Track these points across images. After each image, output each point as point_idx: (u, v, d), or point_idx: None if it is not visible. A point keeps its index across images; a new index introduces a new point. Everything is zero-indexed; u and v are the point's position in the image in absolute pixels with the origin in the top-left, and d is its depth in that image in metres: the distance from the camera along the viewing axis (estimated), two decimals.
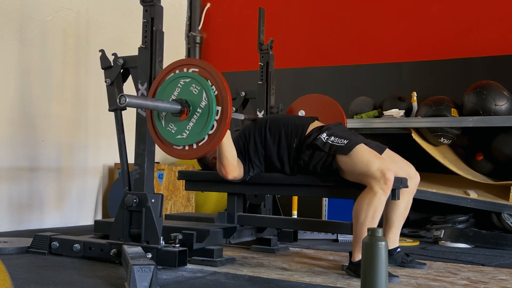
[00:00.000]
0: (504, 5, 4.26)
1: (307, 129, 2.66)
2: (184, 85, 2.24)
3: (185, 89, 2.24)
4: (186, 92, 2.24)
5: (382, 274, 1.79)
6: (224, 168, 2.57)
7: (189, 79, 2.24)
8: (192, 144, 2.23)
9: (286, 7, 5.03)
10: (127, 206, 2.46)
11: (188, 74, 2.25)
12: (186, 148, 2.25)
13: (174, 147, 2.28)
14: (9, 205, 3.70)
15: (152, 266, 1.99)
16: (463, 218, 3.84)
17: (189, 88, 2.23)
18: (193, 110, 2.22)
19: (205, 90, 2.19)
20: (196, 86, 2.22)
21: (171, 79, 2.28)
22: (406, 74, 4.55)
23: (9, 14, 3.72)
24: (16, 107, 3.76)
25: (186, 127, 2.23)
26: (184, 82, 2.24)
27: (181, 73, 2.27)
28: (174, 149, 2.28)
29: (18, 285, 2.02)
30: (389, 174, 2.34)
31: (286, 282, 2.25)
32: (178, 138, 2.25)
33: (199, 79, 2.21)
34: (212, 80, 2.21)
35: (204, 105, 2.19)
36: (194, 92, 2.22)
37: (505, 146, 3.81)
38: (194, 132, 2.21)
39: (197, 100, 2.21)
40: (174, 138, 2.25)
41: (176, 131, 2.25)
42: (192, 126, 2.22)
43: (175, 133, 2.25)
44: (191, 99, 2.22)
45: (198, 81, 2.21)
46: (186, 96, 2.23)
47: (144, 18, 2.53)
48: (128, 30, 4.50)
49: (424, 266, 2.63)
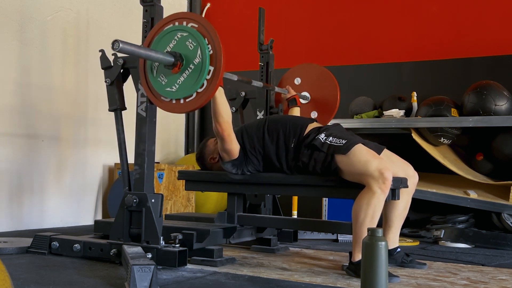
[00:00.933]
0: (504, 5, 4.26)
1: (305, 129, 2.67)
2: (180, 39, 2.24)
3: (181, 42, 2.24)
4: (181, 46, 2.23)
5: (382, 274, 1.79)
6: (219, 125, 2.56)
7: (186, 33, 2.24)
8: (180, 99, 2.24)
9: (286, 7, 5.03)
10: (127, 206, 2.46)
11: (186, 28, 2.25)
12: (173, 102, 2.26)
13: (162, 98, 2.29)
14: (9, 205, 3.70)
15: (152, 266, 1.99)
16: (463, 218, 3.84)
17: (185, 42, 2.23)
18: (186, 65, 2.21)
19: (200, 47, 2.19)
20: (192, 41, 2.21)
21: (169, 30, 2.28)
22: (406, 74, 4.55)
23: (9, 14, 3.72)
24: (16, 107, 3.76)
25: (176, 80, 2.23)
26: (181, 36, 2.24)
27: (180, 26, 2.26)
28: (162, 101, 2.29)
29: (18, 285, 2.02)
30: (387, 174, 2.34)
31: (286, 282, 2.25)
32: (167, 91, 2.25)
33: (196, 35, 2.21)
34: (209, 38, 2.21)
35: (197, 62, 2.19)
36: (190, 47, 2.21)
37: (505, 146, 3.81)
38: (183, 87, 2.21)
39: (191, 56, 2.21)
40: (163, 90, 2.26)
41: (167, 83, 2.25)
42: (182, 80, 2.22)
43: (165, 85, 2.26)
44: (186, 53, 2.22)
45: (195, 37, 2.20)
46: (181, 50, 2.23)
47: (144, 18, 2.53)
48: (128, 30, 4.50)
49: (424, 266, 2.63)
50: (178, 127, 5.35)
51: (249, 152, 2.72)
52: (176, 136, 5.32)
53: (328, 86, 3.32)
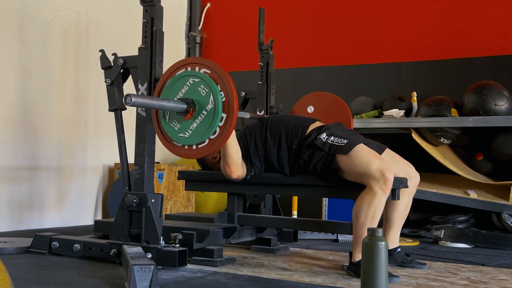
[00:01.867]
0: (504, 5, 4.26)
1: (307, 129, 2.66)
2: (192, 84, 2.24)
3: (193, 88, 2.24)
4: (193, 91, 2.23)
5: (382, 274, 1.79)
6: (228, 167, 2.57)
7: (198, 79, 2.24)
8: (192, 145, 2.24)
9: (286, 7, 5.03)
10: (127, 206, 2.46)
11: (198, 74, 2.25)
12: (186, 147, 2.26)
13: (174, 143, 2.29)
14: (9, 205, 3.70)
15: (152, 266, 1.99)
16: (463, 218, 3.84)
17: (197, 88, 2.23)
18: (199, 111, 2.21)
19: (213, 93, 2.18)
20: (204, 87, 2.21)
21: (181, 75, 2.28)
22: (406, 74, 4.55)
23: (9, 14, 3.72)
24: (16, 107, 3.76)
25: (189, 126, 2.23)
26: (193, 82, 2.24)
27: (192, 71, 2.27)
28: (174, 146, 2.30)
29: (18, 285, 2.02)
30: (388, 174, 2.34)
31: (286, 282, 2.25)
32: (180, 136, 2.25)
33: (209, 81, 2.21)
34: (222, 85, 2.21)
35: (210, 108, 2.19)
36: (202, 93, 2.21)
37: (505, 146, 3.81)
38: (196, 133, 2.21)
39: (203, 102, 2.21)
40: (176, 135, 2.26)
41: (179, 129, 2.25)
42: (195, 127, 2.22)
43: (178, 131, 2.26)
44: (198, 99, 2.22)
45: (207, 83, 2.20)
46: (193, 95, 2.23)
47: (144, 18, 2.53)
48: (128, 30, 4.50)
49: (424, 266, 2.63)
50: None
51: (253, 155, 2.72)
52: None
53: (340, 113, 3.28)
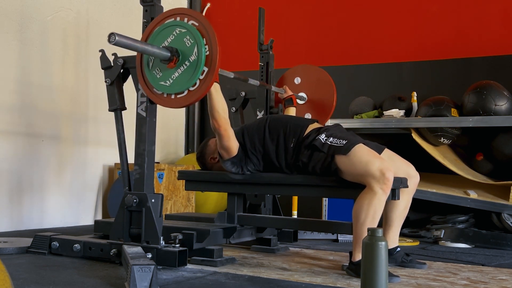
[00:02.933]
0: (504, 5, 4.26)
1: (305, 130, 2.67)
2: (179, 34, 2.25)
3: (179, 38, 2.24)
4: (179, 41, 2.24)
5: (382, 274, 1.78)
6: (216, 121, 2.56)
7: (185, 30, 2.24)
8: (171, 94, 2.25)
9: (286, 8, 5.03)
10: (127, 206, 2.46)
11: (186, 25, 2.25)
12: (165, 96, 2.28)
13: (155, 90, 2.31)
14: (9, 205, 3.70)
15: (152, 266, 1.99)
16: (463, 218, 3.84)
17: (183, 38, 2.23)
18: (182, 61, 2.22)
19: (197, 45, 2.19)
20: (190, 38, 2.22)
21: (168, 24, 2.28)
22: (406, 74, 4.55)
23: (9, 14, 3.72)
24: (16, 107, 3.76)
25: (171, 76, 2.24)
26: (180, 32, 2.25)
27: (180, 22, 2.27)
28: (154, 93, 2.31)
29: (18, 285, 2.02)
30: (388, 174, 2.34)
31: (286, 282, 2.25)
32: (161, 84, 2.27)
33: (195, 33, 2.21)
34: (208, 39, 2.21)
35: (193, 60, 2.20)
36: (187, 44, 2.22)
37: (505, 146, 3.81)
38: (177, 83, 2.23)
39: (188, 52, 2.21)
40: (157, 83, 2.28)
41: (161, 77, 2.27)
42: (177, 76, 2.23)
43: (159, 79, 2.27)
44: (182, 49, 2.23)
45: (193, 34, 2.21)
46: (178, 45, 2.23)
47: (144, 18, 2.53)
48: (128, 30, 4.45)
49: (424, 266, 2.63)
50: (178, 127, 5.35)
51: (250, 151, 2.72)
52: (176, 136, 5.32)
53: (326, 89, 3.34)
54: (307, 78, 3.42)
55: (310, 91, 3.45)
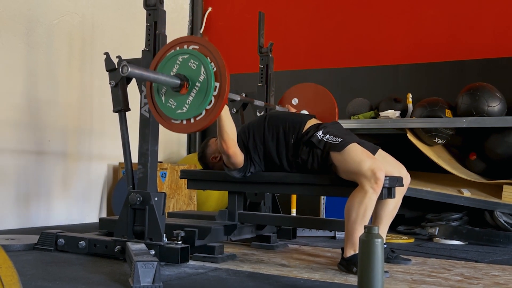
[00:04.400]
0: (497, 9, 4.26)
1: (304, 126, 2.67)
2: (182, 61, 2.23)
3: (184, 64, 2.23)
4: (184, 67, 2.22)
5: (378, 270, 1.79)
6: (224, 143, 2.55)
7: (187, 55, 2.22)
8: (190, 119, 2.22)
9: (285, 12, 5.03)
10: (131, 204, 2.46)
11: (186, 50, 2.23)
12: (184, 123, 2.24)
13: (173, 121, 2.26)
14: (16, 203, 3.70)
15: (155, 262, 1.99)
16: (457, 216, 3.84)
17: (187, 63, 2.22)
18: (192, 84, 2.20)
19: (203, 65, 2.18)
20: (194, 61, 2.20)
21: (170, 56, 2.27)
22: (402, 76, 4.55)
23: (16, 18, 3.72)
24: (23, 108, 3.76)
25: (186, 101, 2.21)
26: (183, 58, 2.23)
27: (181, 50, 2.26)
28: (173, 124, 2.26)
29: (25, 281, 2.02)
30: (379, 174, 2.33)
31: (285, 278, 2.25)
32: (178, 113, 2.23)
33: (198, 55, 2.20)
34: (211, 57, 2.20)
35: (202, 79, 2.18)
36: (192, 67, 2.20)
37: (498, 146, 3.81)
38: (193, 106, 2.20)
39: (195, 75, 2.19)
40: (174, 113, 2.23)
41: (176, 106, 2.24)
42: (191, 100, 2.20)
43: (175, 108, 2.24)
44: (189, 74, 2.20)
45: (197, 56, 2.20)
46: (185, 71, 2.22)
47: (148, 21, 2.53)
48: (132, 34, 4.51)
49: (409, 262, 2.63)
50: None
51: (252, 151, 2.71)
52: (178, 136, 5.32)
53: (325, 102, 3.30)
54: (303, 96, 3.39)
55: (310, 107, 3.40)
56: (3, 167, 3.63)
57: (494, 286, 2.17)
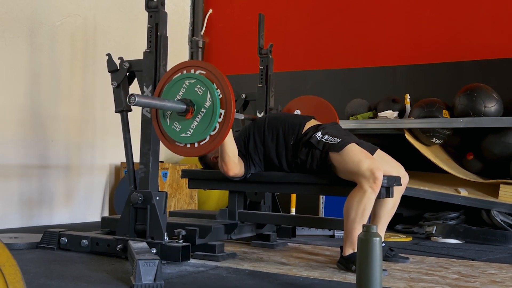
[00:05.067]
0: (493, 11, 4.26)
1: (303, 127, 2.66)
2: (189, 86, 2.24)
3: (190, 89, 2.23)
4: (191, 92, 2.23)
5: (376, 268, 1.79)
6: (225, 165, 2.57)
7: (194, 80, 2.23)
8: (194, 143, 2.23)
9: (285, 13, 5.03)
10: (132, 203, 2.46)
11: (194, 75, 2.24)
12: (188, 146, 2.25)
13: (177, 144, 2.27)
14: (20, 202, 3.70)
15: (157, 260, 1.99)
16: (454, 215, 3.84)
17: (194, 88, 2.22)
18: (198, 109, 2.21)
19: (209, 91, 2.19)
20: (201, 87, 2.21)
21: (177, 79, 2.27)
22: (400, 77, 4.55)
23: (20, 20, 3.72)
24: (27, 108, 3.76)
25: (190, 126, 2.22)
26: (190, 83, 2.23)
27: (188, 74, 2.26)
28: (177, 146, 2.28)
29: (28, 279, 2.02)
30: (378, 173, 2.33)
31: (285, 276, 2.25)
32: (182, 136, 2.24)
33: (205, 80, 2.21)
34: (218, 83, 2.21)
35: (208, 105, 2.18)
36: (199, 92, 2.21)
37: (494, 146, 3.81)
38: (197, 131, 2.21)
39: (201, 100, 2.20)
40: (178, 136, 2.25)
41: (181, 129, 2.25)
42: (196, 125, 2.21)
43: (180, 132, 2.25)
44: (196, 99, 2.21)
45: (203, 82, 2.20)
46: (191, 96, 2.22)
47: (149, 23, 2.53)
48: (134, 35, 4.51)
49: (407, 260, 2.63)
50: None
51: (252, 152, 2.71)
52: None
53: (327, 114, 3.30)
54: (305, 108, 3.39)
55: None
56: (6, 167, 3.63)
57: (490, 284, 2.17)
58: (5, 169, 3.62)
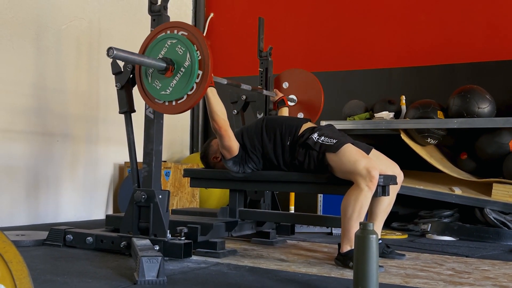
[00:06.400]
0: (486, 16, 4.26)
1: (300, 129, 2.67)
2: (170, 45, 2.25)
3: (172, 49, 2.24)
4: (172, 52, 2.24)
5: (373, 264, 1.78)
6: (215, 123, 2.56)
7: (176, 40, 2.24)
8: (172, 101, 2.24)
9: (284, 17, 5.03)
10: (136, 201, 2.46)
11: (176, 36, 2.25)
12: (166, 104, 2.27)
13: (156, 100, 2.29)
14: (26, 200, 3.70)
15: (160, 257, 1.99)
16: (449, 212, 3.84)
17: (175, 48, 2.23)
18: (177, 68, 2.22)
19: (189, 52, 2.19)
20: (181, 47, 2.22)
21: (160, 38, 2.28)
22: (396, 79, 4.55)
23: (27, 23, 3.72)
24: (33, 108, 3.76)
25: (170, 84, 2.23)
26: (171, 43, 2.25)
27: (171, 34, 2.27)
28: (156, 103, 2.30)
29: (35, 275, 2.02)
30: (374, 172, 2.34)
31: (284, 272, 2.25)
32: (162, 94, 2.26)
33: (185, 41, 2.21)
34: (198, 45, 2.21)
35: (187, 65, 2.19)
36: (179, 52, 2.22)
37: (488, 146, 3.81)
38: (176, 90, 2.22)
39: (181, 60, 2.21)
40: (158, 94, 2.27)
41: (161, 87, 2.26)
42: (175, 84, 2.22)
43: (160, 89, 2.26)
44: (176, 58, 2.22)
45: (184, 43, 2.21)
46: (172, 55, 2.23)
47: (152, 27, 2.53)
48: (137, 38, 4.48)
49: (403, 257, 2.63)
50: (183, 128, 5.35)
51: (250, 151, 2.72)
52: (181, 137, 5.32)
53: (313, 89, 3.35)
54: (294, 81, 3.43)
55: (299, 93, 3.47)
56: (13, 166, 3.63)
57: (484, 280, 2.17)
58: (12, 168, 3.62)
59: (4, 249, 1.10)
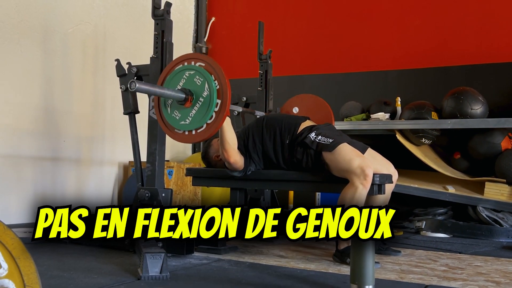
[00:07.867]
0: (479, 20, 4.26)
1: (298, 127, 2.66)
2: (189, 77, 2.24)
3: (190, 80, 2.23)
4: (190, 82, 2.23)
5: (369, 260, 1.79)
6: (226, 152, 2.55)
7: (193, 71, 2.23)
8: (192, 130, 2.23)
9: (283, 21, 5.03)
10: (140, 199, 2.46)
11: (193, 67, 2.24)
12: (186, 133, 2.25)
13: (176, 131, 2.28)
14: (33, 198, 3.70)
15: (163, 254, 1.99)
16: (442, 210, 3.84)
17: (193, 79, 2.23)
18: (196, 99, 2.21)
19: (207, 82, 2.19)
20: (199, 77, 2.22)
21: (178, 70, 2.28)
22: (391, 81, 4.55)
23: (34, 27, 3.72)
24: (41, 110, 3.76)
25: (189, 114, 2.22)
26: (189, 74, 2.24)
27: (188, 65, 2.27)
28: (176, 133, 2.28)
29: (42, 270, 2.02)
30: (368, 171, 2.33)
31: (283, 268, 2.25)
32: (181, 124, 2.25)
33: (203, 72, 2.21)
34: (215, 75, 2.21)
35: (206, 95, 2.19)
36: (198, 83, 2.21)
37: (480, 146, 3.81)
38: (195, 119, 2.21)
39: (199, 90, 2.21)
40: (178, 124, 2.25)
41: (180, 117, 2.25)
42: (194, 113, 2.22)
43: (179, 119, 2.25)
44: (194, 89, 2.22)
45: (202, 73, 2.21)
46: (190, 86, 2.23)
47: (156, 30, 2.53)
48: (141, 42, 4.50)
49: (399, 253, 2.62)
50: None
51: (251, 150, 2.71)
52: None
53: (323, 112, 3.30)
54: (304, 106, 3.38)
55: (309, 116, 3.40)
56: (21, 164, 3.63)
57: (476, 276, 2.17)
58: (20, 166, 3.62)
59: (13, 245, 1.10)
